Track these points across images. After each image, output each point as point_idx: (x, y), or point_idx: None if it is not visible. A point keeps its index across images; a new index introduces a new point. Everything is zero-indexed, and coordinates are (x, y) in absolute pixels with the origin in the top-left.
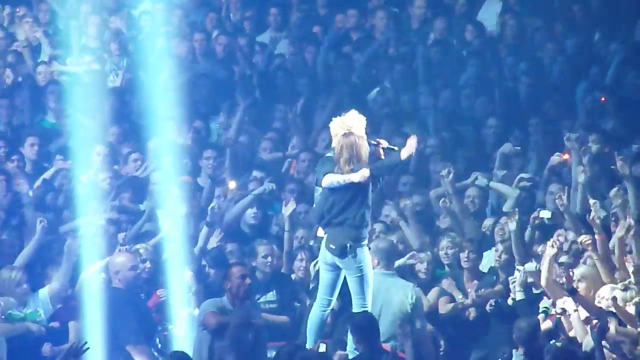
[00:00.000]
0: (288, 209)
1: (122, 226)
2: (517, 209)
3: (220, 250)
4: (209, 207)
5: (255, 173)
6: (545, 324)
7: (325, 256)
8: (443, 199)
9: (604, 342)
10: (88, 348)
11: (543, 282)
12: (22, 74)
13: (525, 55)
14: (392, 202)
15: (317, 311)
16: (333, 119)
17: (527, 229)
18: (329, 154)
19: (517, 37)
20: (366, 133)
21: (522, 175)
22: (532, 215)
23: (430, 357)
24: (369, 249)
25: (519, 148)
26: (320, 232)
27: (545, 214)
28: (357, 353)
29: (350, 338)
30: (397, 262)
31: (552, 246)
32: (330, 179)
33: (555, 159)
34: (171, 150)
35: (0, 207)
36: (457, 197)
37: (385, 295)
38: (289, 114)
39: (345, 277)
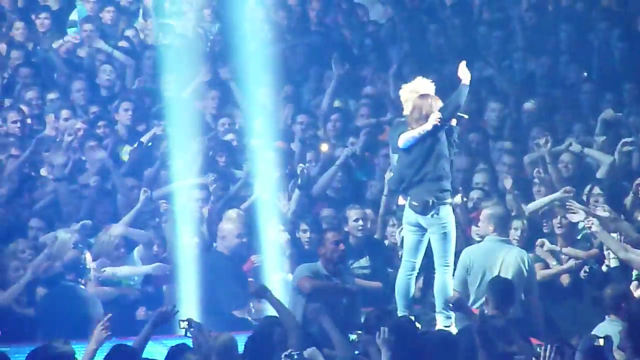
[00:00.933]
0: (391, 173)
1: (217, 191)
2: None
3: (315, 215)
4: (299, 171)
5: (352, 139)
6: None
7: (408, 216)
8: (537, 168)
9: None
10: (177, 311)
11: (621, 255)
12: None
13: (618, 21)
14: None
15: (402, 275)
16: (402, 86)
17: (628, 195)
18: (402, 119)
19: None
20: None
21: (626, 139)
22: (636, 182)
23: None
24: (453, 208)
25: (620, 114)
26: (401, 200)
27: None
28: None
29: (439, 298)
30: None
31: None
32: (405, 137)
33: None
34: (264, 115)
35: (96, 172)
36: (553, 165)
37: (504, 262)
38: (380, 81)
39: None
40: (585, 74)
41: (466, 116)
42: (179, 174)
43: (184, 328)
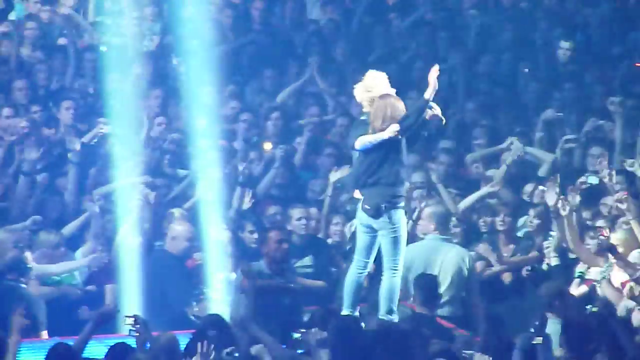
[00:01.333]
0: (336, 174)
1: (160, 190)
2: (557, 175)
3: (259, 214)
4: (240, 169)
5: (299, 139)
6: (581, 289)
7: (361, 218)
8: (475, 164)
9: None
10: (118, 311)
11: (570, 244)
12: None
13: (560, 20)
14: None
15: (353, 274)
16: (355, 86)
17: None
18: (362, 117)
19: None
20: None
21: (567, 137)
22: (580, 180)
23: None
24: (406, 212)
25: (561, 114)
26: (357, 194)
27: (593, 180)
28: (393, 317)
29: (384, 301)
30: None
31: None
32: (362, 141)
33: (591, 123)
34: (207, 115)
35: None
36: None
37: (443, 260)
38: (323, 79)
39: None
40: (526, 70)
41: (441, 117)
42: (122, 173)
43: (129, 324)
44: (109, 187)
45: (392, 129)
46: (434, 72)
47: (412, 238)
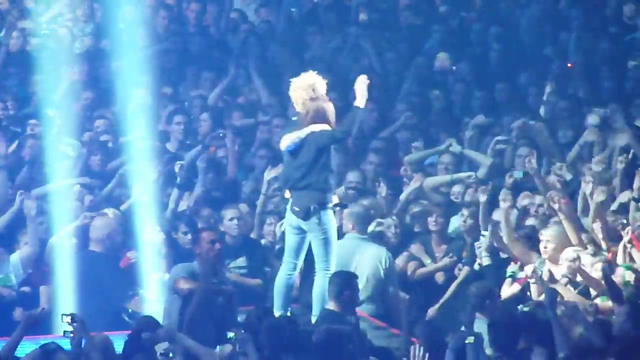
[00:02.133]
0: (270, 173)
1: (93, 191)
2: (490, 183)
3: (193, 215)
4: (176, 169)
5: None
6: (513, 289)
7: (290, 219)
8: (403, 167)
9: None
10: (48, 312)
11: (505, 239)
12: None
13: (492, 21)
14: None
15: (282, 275)
16: (292, 80)
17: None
18: (294, 118)
19: (485, 2)
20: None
21: (498, 137)
22: (507, 176)
23: (402, 322)
24: (334, 212)
25: (490, 119)
26: (288, 193)
27: (518, 174)
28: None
29: (316, 302)
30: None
31: (504, 200)
32: (286, 140)
33: (518, 123)
34: (141, 116)
35: None
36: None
37: (359, 259)
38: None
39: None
40: (454, 67)
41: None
42: (56, 174)
43: (66, 322)
44: (44, 188)
45: (317, 128)
46: (361, 82)
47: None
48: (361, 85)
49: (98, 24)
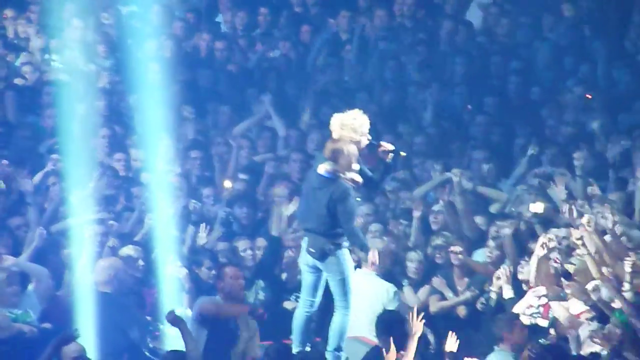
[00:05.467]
0: (289, 209)
1: (112, 228)
2: (514, 221)
3: (214, 250)
4: (191, 207)
5: (241, 176)
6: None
7: (306, 259)
8: (415, 203)
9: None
10: (79, 335)
11: (532, 281)
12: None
13: (512, 53)
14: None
15: (300, 312)
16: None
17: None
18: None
19: (504, 34)
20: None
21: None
22: (525, 213)
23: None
24: (350, 251)
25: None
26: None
27: (537, 208)
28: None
29: (333, 338)
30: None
31: (542, 247)
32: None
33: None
34: (160, 152)
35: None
36: (463, 196)
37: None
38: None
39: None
40: (469, 107)
41: (404, 153)
42: (76, 209)
43: None
44: (64, 224)
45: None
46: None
47: None
48: (387, 147)
49: (118, 58)
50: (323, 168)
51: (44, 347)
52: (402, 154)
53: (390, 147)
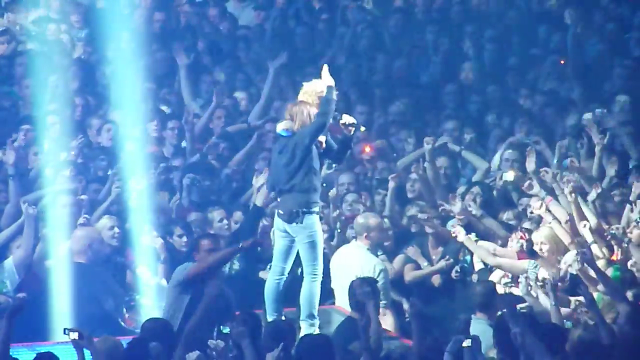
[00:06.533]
0: (259, 179)
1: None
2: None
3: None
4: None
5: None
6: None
7: (278, 223)
8: (415, 165)
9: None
10: (25, 299)
11: (506, 265)
12: None
13: (484, 22)
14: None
15: (271, 279)
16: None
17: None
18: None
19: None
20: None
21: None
22: (497, 177)
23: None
24: (321, 217)
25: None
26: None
27: (509, 176)
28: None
29: (304, 306)
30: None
31: (516, 242)
32: (280, 125)
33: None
34: (135, 121)
35: None
36: (432, 165)
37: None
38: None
39: None
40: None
41: (363, 128)
42: (49, 179)
43: (74, 338)
44: (38, 194)
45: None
46: (324, 69)
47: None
48: (325, 71)
49: (92, 29)
50: (281, 126)
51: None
52: (362, 128)
53: (351, 120)
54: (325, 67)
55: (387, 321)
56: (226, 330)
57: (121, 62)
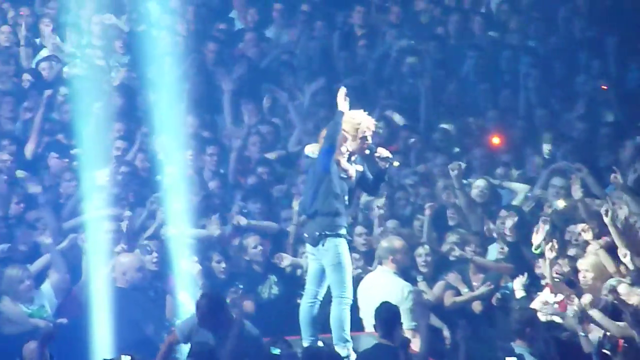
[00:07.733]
0: (297, 203)
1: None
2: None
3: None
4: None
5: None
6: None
7: (308, 246)
8: (447, 191)
9: None
10: (60, 324)
11: (548, 278)
12: (27, 71)
13: (524, 48)
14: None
15: (304, 303)
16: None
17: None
18: None
19: (517, 29)
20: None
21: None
22: (546, 205)
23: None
24: (347, 240)
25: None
26: None
27: (559, 204)
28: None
29: (335, 331)
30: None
31: (551, 250)
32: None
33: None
34: (176, 146)
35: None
36: (462, 191)
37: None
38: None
39: None
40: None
41: (397, 163)
42: (92, 205)
43: None
44: (77, 220)
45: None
46: (341, 92)
47: None
48: (342, 94)
49: (135, 55)
50: (307, 149)
51: (60, 342)
52: (396, 164)
53: (386, 153)
54: (342, 91)
55: (416, 344)
56: (276, 351)
57: (163, 87)
